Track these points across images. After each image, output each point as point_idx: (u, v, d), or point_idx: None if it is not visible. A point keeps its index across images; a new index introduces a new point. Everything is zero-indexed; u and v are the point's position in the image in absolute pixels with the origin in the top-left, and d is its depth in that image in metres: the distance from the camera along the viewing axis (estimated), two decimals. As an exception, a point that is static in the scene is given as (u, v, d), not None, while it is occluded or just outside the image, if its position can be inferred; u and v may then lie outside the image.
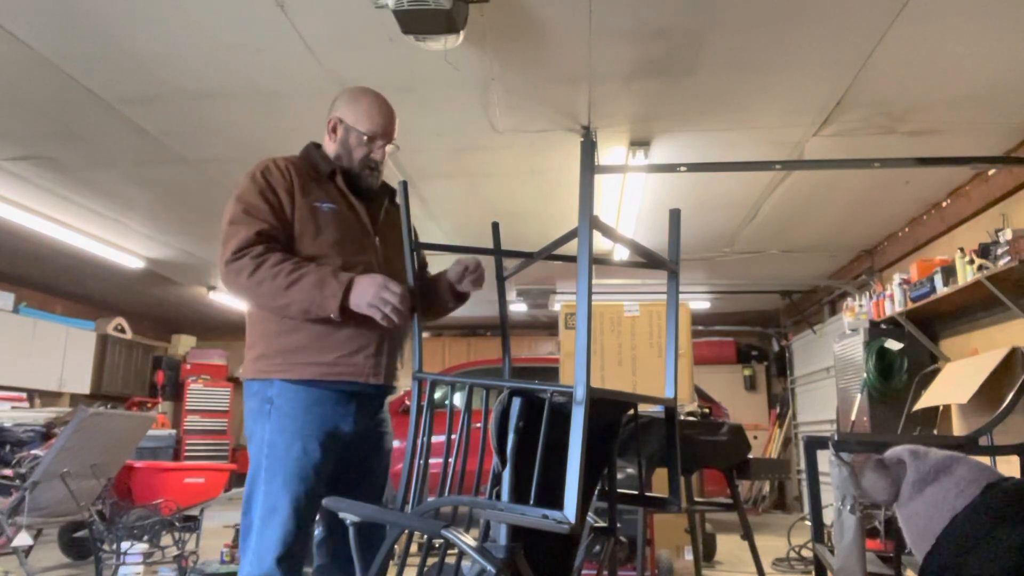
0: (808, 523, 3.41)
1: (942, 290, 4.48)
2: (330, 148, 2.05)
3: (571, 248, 1.51)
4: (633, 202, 5.08)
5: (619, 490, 1.75)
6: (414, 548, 4.38)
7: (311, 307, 1.79)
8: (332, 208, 1.95)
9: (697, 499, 3.23)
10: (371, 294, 1.75)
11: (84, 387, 8.38)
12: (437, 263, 8.01)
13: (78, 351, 8.29)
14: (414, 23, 2.79)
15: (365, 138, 2.00)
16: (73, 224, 5.82)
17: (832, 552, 2.32)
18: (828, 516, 2.59)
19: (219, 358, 10.26)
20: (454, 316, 9.46)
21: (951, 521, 1.25)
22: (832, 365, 6.12)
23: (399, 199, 1.79)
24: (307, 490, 1.83)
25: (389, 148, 2.06)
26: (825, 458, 2.37)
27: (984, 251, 4.13)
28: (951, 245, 4.91)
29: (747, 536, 2.85)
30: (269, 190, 1.90)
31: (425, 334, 10.66)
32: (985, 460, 2.16)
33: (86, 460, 3.89)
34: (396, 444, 6.55)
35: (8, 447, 4.39)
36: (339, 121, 2.03)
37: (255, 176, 1.92)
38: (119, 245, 6.43)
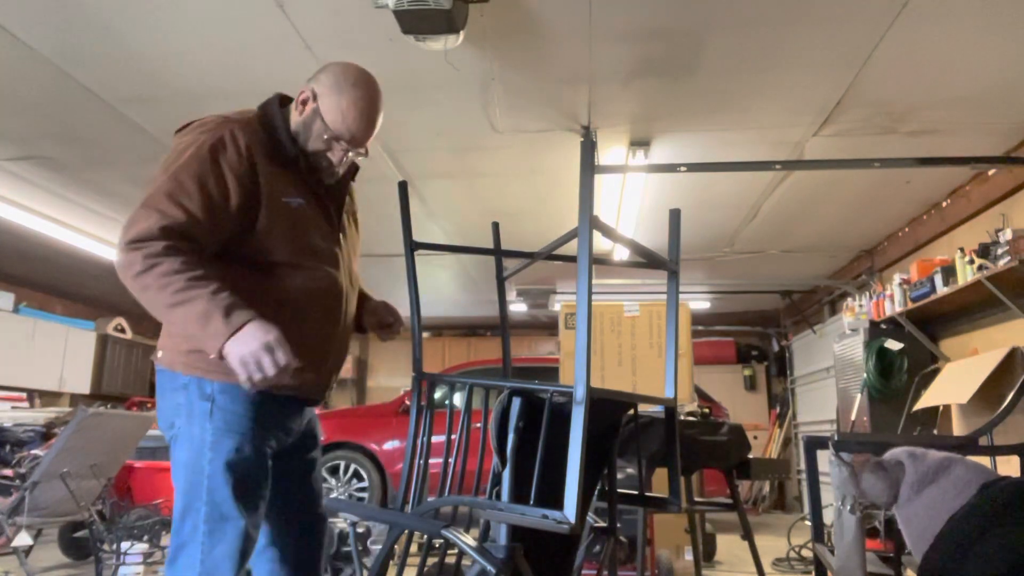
0: (808, 523, 3.42)
1: (942, 290, 4.48)
2: (293, 119, 1.71)
3: (571, 248, 1.52)
4: (633, 202, 5.08)
5: (619, 490, 1.75)
6: (414, 548, 4.38)
7: (191, 338, 1.55)
8: (301, 204, 1.67)
9: (697, 499, 3.23)
10: (250, 349, 1.46)
11: (84, 387, 8.37)
12: (437, 263, 7.94)
13: (78, 351, 8.29)
14: (414, 23, 2.79)
15: (326, 136, 1.68)
16: (73, 224, 5.82)
17: (832, 552, 2.32)
18: (828, 516, 2.60)
19: (219, 358, 10.24)
20: (454, 316, 9.42)
21: (948, 522, 1.25)
22: (832, 365, 6.12)
23: (399, 200, 1.77)
24: (260, 496, 1.62)
25: (352, 154, 1.74)
26: (825, 458, 2.37)
27: (984, 251, 4.13)
28: (951, 245, 4.91)
29: (747, 536, 2.85)
30: (213, 174, 1.55)
31: (425, 334, 10.68)
32: (985, 460, 2.16)
33: (86, 460, 3.89)
34: (396, 444, 6.57)
35: (8, 447, 4.39)
36: (312, 98, 1.70)
37: (201, 150, 1.56)
38: (119, 245, 6.43)
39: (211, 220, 1.55)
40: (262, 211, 1.60)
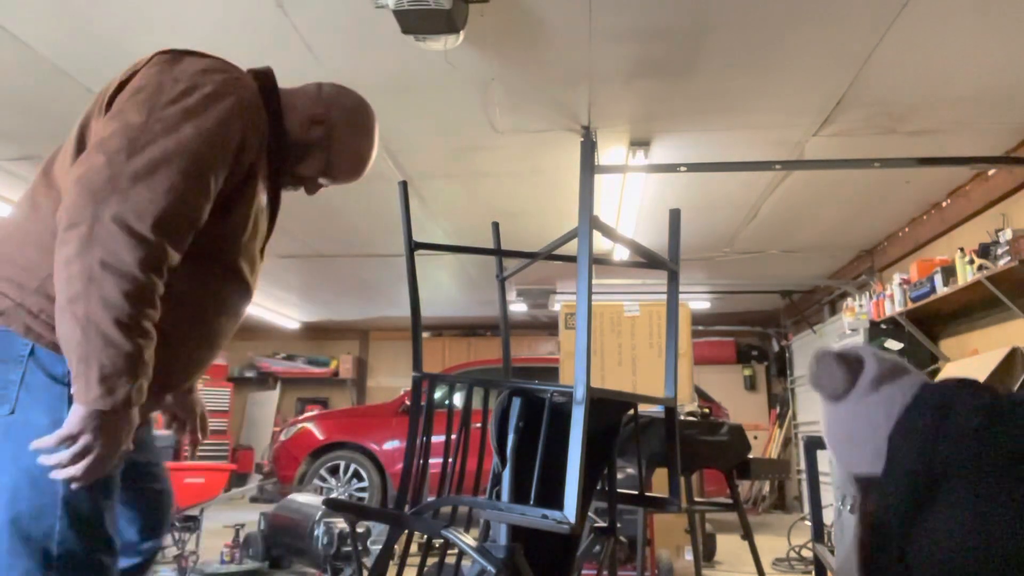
0: (808, 523, 3.42)
1: (942, 290, 4.48)
2: (291, 122, 1.48)
3: (571, 248, 1.52)
4: (633, 202, 5.08)
5: (619, 490, 1.75)
6: (414, 548, 4.38)
7: (85, 363, 1.12)
8: (263, 207, 1.45)
9: (697, 499, 3.23)
10: (89, 431, 1.12)
11: (84, 387, 8.36)
12: (437, 263, 7.91)
13: (78, 351, 8.27)
14: (414, 23, 2.79)
15: (322, 170, 1.53)
16: (73, 224, 5.82)
17: (832, 552, 2.32)
18: (828, 516, 2.60)
19: (219, 358, 10.27)
20: (454, 316, 9.40)
21: (898, 421, 1.22)
22: (832, 365, 6.11)
23: (399, 199, 1.77)
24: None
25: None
26: (825, 458, 2.37)
27: (984, 251, 4.13)
28: (951, 245, 4.91)
29: (747, 536, 2.85)
30: (238, 145, 1.29)
31: (425, 334, 10.68)
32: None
33: (86, 460, 3.88)
34: (396, 444, 6.57)
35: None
36: (330, 127, 1.50)
37: (232, 113, 1.27)
38: (119, 245, 6.42)
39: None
40: (242, 200, 1.34)
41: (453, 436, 1.73)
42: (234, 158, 1.28)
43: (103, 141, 1.17)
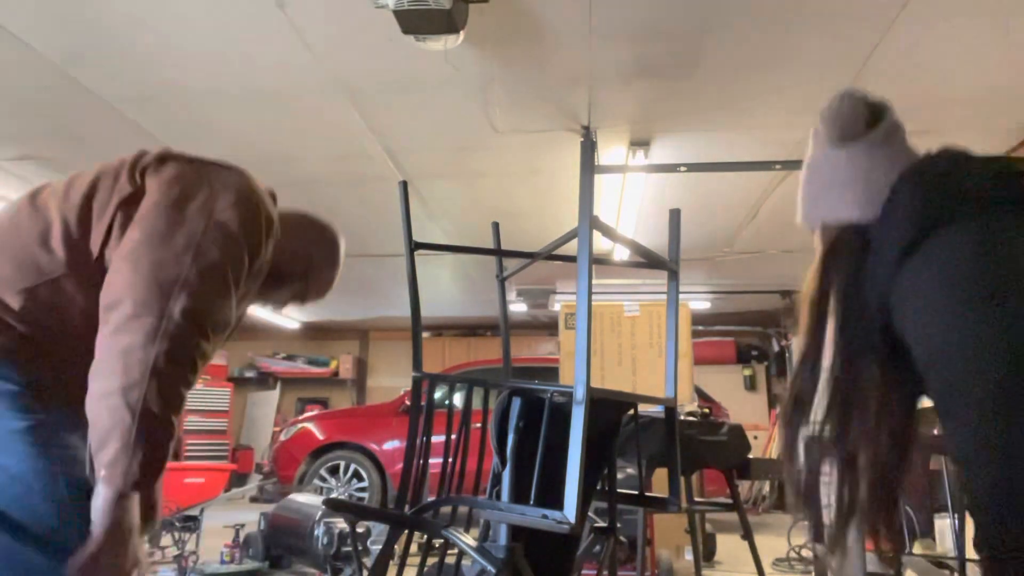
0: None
1: (942, 290, 4.48)
2: (278, 249, 1.44)
3: (571, 248, 1.52)
4: (633, 202, 5.08)
5: (619, 490, 1.75)
6: (414, 548, 4.38)
7: (110, 447, 1.11)
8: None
9: (697, 499, 3.23)
10: (116, 551, 1.12)
11: (84, 387, 8.35)
12: (437, 263, 7.90)
13: (78, 351, 8.26)
14: (414, 23, 2.80)
15: (294, 296, 1.60)
16: (73, 224, 5.82)
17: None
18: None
19: (219, 358, 10.27)
20: (454, 316, 9.41)
21: (907, 168, 1.17)
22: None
23: (399, 199, 1.77)
24: None
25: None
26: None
27: (984, 251, 4.13)
28: (951, 245, 4.91)
29: (747, 536, 2.86)
30: (253, 260, 1.35)
31: (425, 334, 10.68)
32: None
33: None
34: (396, 444, 6.58)
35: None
36: (310, 263, 1.55)
37: (267, 230, 1.36)
38: (119, 245, 6.41)
39: None
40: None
41: (453, 436, 1.73)
42: (257, 270, 1.38)
43: (164, 237, 1.22)
